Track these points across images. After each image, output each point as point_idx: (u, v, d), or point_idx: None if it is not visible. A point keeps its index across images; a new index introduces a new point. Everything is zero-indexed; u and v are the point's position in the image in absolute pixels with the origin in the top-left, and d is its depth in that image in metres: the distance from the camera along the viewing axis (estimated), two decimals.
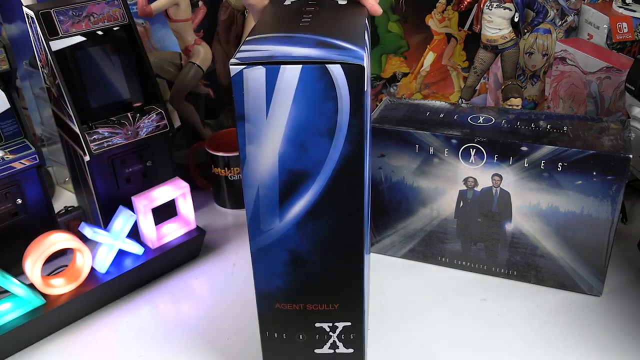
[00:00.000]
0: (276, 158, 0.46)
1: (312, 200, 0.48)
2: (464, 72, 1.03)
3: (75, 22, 0.71)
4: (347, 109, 0.44)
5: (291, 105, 0.43)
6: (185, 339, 0.65)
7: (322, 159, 0.46)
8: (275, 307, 0.53)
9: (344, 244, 0.50)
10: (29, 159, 0.71)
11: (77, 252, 0.67)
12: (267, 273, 0.52)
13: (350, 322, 0.55)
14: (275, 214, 0.49)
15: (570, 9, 0.98)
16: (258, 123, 0.45)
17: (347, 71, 0.42)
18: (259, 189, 0.48)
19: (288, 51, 0.43)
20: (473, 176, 0.68)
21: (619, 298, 0.68)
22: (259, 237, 0.50)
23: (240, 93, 0.43)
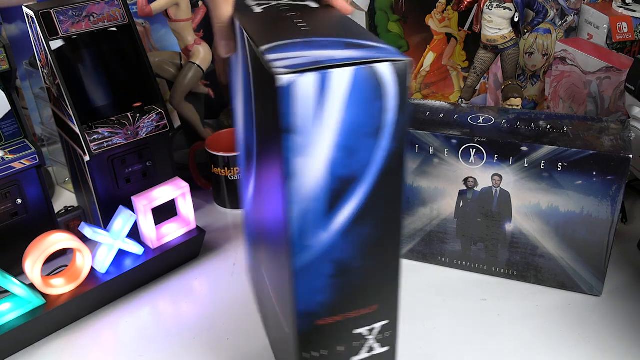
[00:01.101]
0: (325, 167, 0.44)
1: (358, 205, 0.46)
2: (464, 72, 1.03)
3: (75, 22, 0.71)
4: (393, 107, 0.43)
5: (342, 110, 0.42)
6: (185, 339, 0.65)
7: (369, 161, 0.45)
8: (315, 324, 0.50)
9: (386, 243, 0.49)
10: (29, 159, 0.71)
11: (77, 252, 0.67)
12: (310, 290, 0.48)
13: (388, 319, 0.54)
14: (321, 225, 0.46)
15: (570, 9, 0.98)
16: (308, 133, 0.42)
17: (395, 68, 0.42)
18: (306, 202, 0.44)
19: (327, 55, 0.41)
20: (473, 176, 0.68)
21: (619, 298, 0.68)
22: (302, 253, 0.47)
23: (289, 104, 0.40)
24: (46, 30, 0.70)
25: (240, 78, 0.53)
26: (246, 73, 0.50)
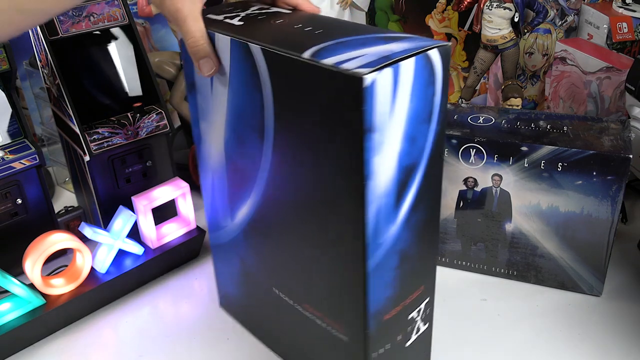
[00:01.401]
0: (395, 160, 0.43)
1: (416, 191, 0.46)
2: (464, 72, 1.03)
3: (75, 22, 0.71)
4: (440, 90, 0.44)
5: (407, 100, 0.42)
6: (185, 339, 0.65)
7: (424, 146, 0.45)
8: (383, 321, 0.50)
9: (432, 224, 0.50)
10: (29, 159, 0.71)
11: (77, 252, 0.67)
12: (380, 287, 0.47)
13: (429, 296, 0.54)
14: (391, 219, 0.45)
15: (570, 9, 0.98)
16: (385, 129, 0.41)
17: (442, 54, 0.42)
18: (380, 200, 0.43)
19: (382, 50, 0.41)
20: (473, 176, 0.68)
21: (619, 298, 0.68)
22: (375, 252, 0.45)
23: (372, 102, 0.39)
24: (46, 30, 0.70)
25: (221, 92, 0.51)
26: (248, 86, 0.48)
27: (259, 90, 0.46)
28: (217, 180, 0.57)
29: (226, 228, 0.59)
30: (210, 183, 0.58)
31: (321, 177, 0.45)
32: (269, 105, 0.46)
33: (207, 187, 0.59)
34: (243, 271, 0.60)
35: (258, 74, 0.46)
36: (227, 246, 0.61)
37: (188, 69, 0.54)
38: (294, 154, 0.46)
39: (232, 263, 0.61)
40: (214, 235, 0.62)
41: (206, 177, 0.59)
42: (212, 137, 0.54)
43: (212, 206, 0.60)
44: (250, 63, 0.46)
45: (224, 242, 0.61)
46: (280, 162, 0.48)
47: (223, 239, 0.61)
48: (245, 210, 0.55)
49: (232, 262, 0.61)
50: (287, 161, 0.47)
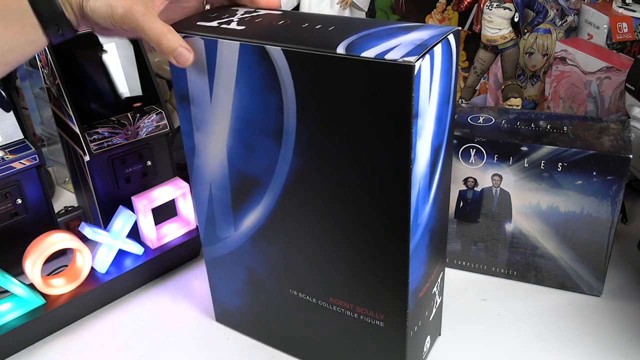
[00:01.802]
0: (430, 142, 0.45)
1: (440, 170, 0.49)
2: (464, 72, 1.03)
3: None
4: (455, 71, 0.46)
5: (438, 84, 0.44)
6: (185, 339, 0.65)
7: (447, 126, 0.48)
8: (418, 299, 0.52)
9: (446, 200, 0.54)
10: (29, 159, 0.71)
11: (77, 252, 0.67)
12: (417, 266, 0.49)
13: (443, 269, 0.58)
14: (426, 199, 0.48)
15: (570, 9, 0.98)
16: (425, 114, 0.43)
17: (455, 38, 0.45)
18: (419, 182, 0.45)
19: (412, 38, 0.42)
20: (473, 176, 0.68)
21: (619, 298, 0.68)
22: (415, 233, 0.47)
23: (418, 89, 0.41)
24: None
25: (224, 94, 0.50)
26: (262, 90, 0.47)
27: (276, 92, 0.46)
28: (217, 191, 0.56)
29: (227, 239, 0.58)
30: (207, 195, 0.57)
31: (360, 169, 0.46)
32: (291, 106, 0.46)
33: (201, 199, 0.58)
34: (250, 280, 0.59)
35: (276, 76, 0.45)
36: (228, 257, 0.60)
37: (178, 80, 0.52)
38: (321, 152, 0.47)
39: (235, 274, 0.60)
40: (210, 250, 0.61)
41: (201, 189, 0.57)
42: (211, 148, 0.53)
43: (209, 219, 0.58)
44: (265, 66, 0.46)
45: (223, 253, 0.60)
46: (303, 163, 0.48)
47: (222, 251, 0.60)
48: (254, 217, 0.54)
49: (234, 273, 0.60)
50: (313, 160, 0.48)
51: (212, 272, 0.63)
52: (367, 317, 0.53)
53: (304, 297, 0.56)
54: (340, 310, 0.54)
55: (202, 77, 0.50)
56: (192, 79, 0.51)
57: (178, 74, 0.52)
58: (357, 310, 0.53)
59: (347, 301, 0.53)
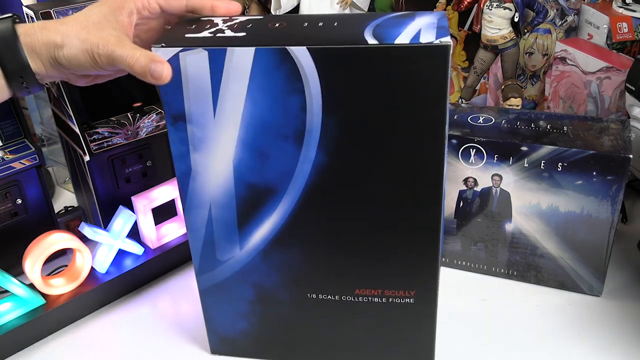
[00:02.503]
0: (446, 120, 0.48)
1: None
2: (464, 72, 1.03)
3: None
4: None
5: None
6: (185, 339, 0.65)
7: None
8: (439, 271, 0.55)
9: None
10: (29, 159, 0.71)
11: (77, 252, 0.67)
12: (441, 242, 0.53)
13: None
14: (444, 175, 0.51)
15: (570, 9, 0.98)
16: (443, 100, 0.45)
17: (444, 17, 0.48)
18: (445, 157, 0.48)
19: (426, 23, 0.46)
20: (473, 176, 0.68)
21: (619, 298, 0.68)
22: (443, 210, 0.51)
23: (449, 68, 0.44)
24: None
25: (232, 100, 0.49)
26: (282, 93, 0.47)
27: (298, 93, 0.46)
28: (219, 211, 0.53)
29: (230, 261, 0.56)
30: (204, 219, 0.54)
31: (392, 151, 0.48)
32: (316, 104, 0.46)
33: (197, 225, 0.54)
34: (258, 297, 0.57)
35: (299, 77, 0.45)
36: (232, 280, 0.57)
37: (170, 100, 0.48)
38: (350, 144, 0.48)
39: (239, 296, 0.58)
40: (207, 277, 0.57)
41: (197, 214, 0.54)
42: (213, 167, 0.51)
43: (206, 244, 0.55)
44: (286, 68, 0.45)
45: (224, 277, 0.57)
46: (328, 159, 0.49)
47: (223, 274, 0.57)
48: (266, 228, 0.53)
49: (238, 295, 0.57)
50: (340, 154, 0.48)
51: (208, 302, 0.59)
52: (396, 298, 0.54)
53: (324, 298, 0.56)
54: (368, 299, 0.55)
55: (203, 92, 0.47)
56: (191, 96, 0.48)
57: (170, 93, 0.48)
58: (385, 294, 0.54)
59: (375, 287, 0.54)
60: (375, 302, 0.55)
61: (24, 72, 0.48)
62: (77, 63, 0.48)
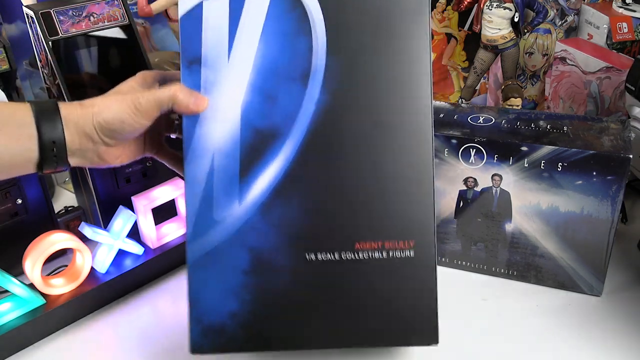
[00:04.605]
0: None
1: None
2: (464, 72, 1.03)
3: (75, 22, 0.71)
4: None
5: None
6: (185, 339, 0.65)
7: None
8: None
9: None
10: None
11: (77, 252, 0.67)
12: None
13: None
14: None
15: (570, 9, 0.98)
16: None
17: None
18: None
19: None
20: (473, 176, 0.68)
21: (619, 298, 0.68)
22: None
23: None
24: (46, 30, 0.70)
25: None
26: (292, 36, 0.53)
27: (306, 35, 0.52)
28: (222, 159, 0.53)
29: (227, 219, 0.53)
30: (207, 169, 0.53)
31: (392, 77, 0.52)
32: (321, 44, 0.52)
33: (197, 178, 0.53)
34: (254, 266, 0.54)
35: (307, 20, 0.52)
36: (226, 245, 0.54)
37: (189, 43, 0.53)
38: (351, 82, 0.52)
39: (233, 267, 0.54)
40: (199, 244, 0.54)
41: (199, 165, 0.53)
42: (221, 110, 0.53)
43: (204, 200, 0.53)
44: (297, 12, 0.52)
45: (219, 242, 0.54)
46: (331, 98, 0.52)
47: (218, 238, 0.54)
48: (268, 176, 0.52)
49: (232, 265, 0.54)
50: (342, 93, 0.52)
51: (196, 279, 0.54)
52: (397, 251, 0.54)
53: (323, 259, 0.54)
54: (368, 255, 0.54)
55: (220, 36, 0.52)
56: (208, 40, 0.52)
57: (189, 35, 0.53)
58: (386, 246, 0.54)
59: (375, 239, 0.54)
60: (376, 257, 0.54)
61: (57, 143, 0.49)
62: (118, 121, 0.50)
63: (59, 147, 0.49)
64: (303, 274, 0.54)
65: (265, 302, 0.55)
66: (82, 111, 0.50)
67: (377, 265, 0.54)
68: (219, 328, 0.54)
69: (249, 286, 0.54)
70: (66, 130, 0.49)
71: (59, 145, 0.49)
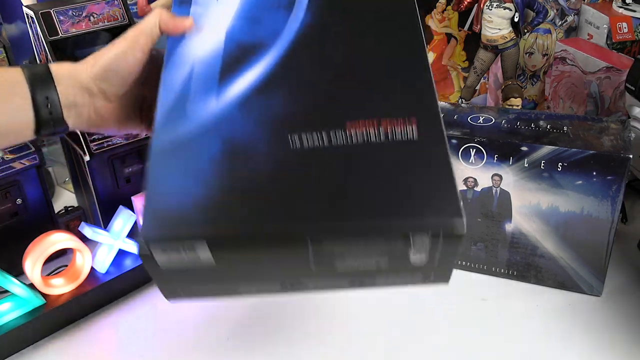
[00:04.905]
0: None
1: None
2: (464, 72, 1.03)
3: (75, 22, 0.71)
4: None
5: None
6: (185, 339, 0.65)
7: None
8: None
9: None
10: (28, 159, 0.71)
11: (77, 252, 0.67)
12: None
13: None
14: None
15: (570, 9, 0.98)
16: None
17: None
18: None
19: None
20: (473, 176, 0.68)
21: (619, 298, 0.68)
22: None
23: None
24: (46, 30, 0.70)
25: None
26: None
27: None
28: (201, 68, 0.49)
29: (199, 115, 0.46)
30: (185, 76, 0.48)
31: None
32: None
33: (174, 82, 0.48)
34: (225, 154, 0.44)
35: None
36: (195, 136, 0.45)
37: None
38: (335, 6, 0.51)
39: (202, 153, 0.44)
40: (166, 131, 0.45)
41: (177, 72, 0.49)
42: (204, 34, 0.52)
43: (179, 97, 0.47)
44: None
45: (188, 131, 0.45)
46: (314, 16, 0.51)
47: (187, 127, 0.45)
48: (250, 77, 0.48)
49: (201, 152, 0.44)
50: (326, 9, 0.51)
51: (159, 165, 0.45)
52: (396, 134, 0.44)
53: (309, 144, 0.43)
54: (362, 137, 0.44)
55: None
56: None
57: None
58: (382, 124, 0.44)
59: (369, 116, 0.44)
60: (372, 141, 0.43)
61: (50, 98, 0.48)
62: (113, 59, 0.51)
63: (52, 103, 0.49)
64: (286, 161, 0.43)
65: (235, 188, 0.43)
66: (75, 66, 0.51)
67: (374, 151, 0.43)
68: (178, 214, 0.42)
69: (219, 172, 0.43)
70: (59, 85, 0.49)
71: (53, 100, 0.48)
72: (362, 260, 0.42)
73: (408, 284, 0.45)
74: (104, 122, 0.53)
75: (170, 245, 0.41)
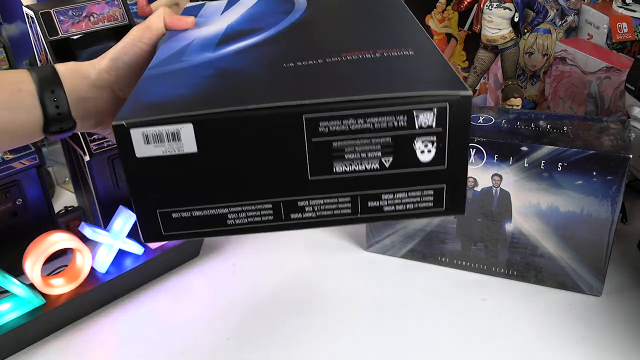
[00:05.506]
0: None
1: None
2: (464, 72, 1.03)
3: (75, 22, 0.71)
4: None
5: None
6: (185, 339, 0.65)
7: None
8: None
9: None
10: (28, 159, 0.71)
11: (77, 252, 0.67)
12: None
13: None
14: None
15: (570, 9, 0.98)
16: None
17: None
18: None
19: None
20: (473, 176, 0.68)
21: (619, 298, 0.68)
22: None
23: None
24: (46, 30, 0.70)
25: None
26: None
27: None
28: (199, 43, 0.50)
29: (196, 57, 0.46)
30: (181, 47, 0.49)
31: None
32: None
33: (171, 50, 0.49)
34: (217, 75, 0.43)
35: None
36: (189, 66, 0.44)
37: (189, 11, 0.59)
38: None
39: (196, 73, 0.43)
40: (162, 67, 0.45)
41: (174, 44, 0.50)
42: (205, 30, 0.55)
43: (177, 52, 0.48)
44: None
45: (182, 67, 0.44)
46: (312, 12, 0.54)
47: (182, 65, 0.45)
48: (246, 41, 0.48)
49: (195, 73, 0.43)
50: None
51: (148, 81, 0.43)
52: (392, 54, 0.42)
53: (304, 63, 0.42)
54: (359, 57, 0.42)
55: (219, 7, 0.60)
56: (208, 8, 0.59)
57: (191, 9, 0.60)
58: (378, 52, 0.42)
59: (366, 49, 0.43)
60: (368, 58, 0.42)
61: (56, 92, 0.49)
62: (120, 51, 0.53)
63: (59, 98, 0.49)
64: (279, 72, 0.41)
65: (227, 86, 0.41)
66: (80, 64, 0.52)
67: (373, 59, 0.41)
68: (163, 103, 0.39)
69: (209, 81, 0.42)
70: (65, 81, 0.50)
71: (59, 95, 0.49)
72: (363, 160, 0.38)
73: (419, 210, 0.40)
74: (111, 119, 0.53)
75: (153, 130, 0.36)
